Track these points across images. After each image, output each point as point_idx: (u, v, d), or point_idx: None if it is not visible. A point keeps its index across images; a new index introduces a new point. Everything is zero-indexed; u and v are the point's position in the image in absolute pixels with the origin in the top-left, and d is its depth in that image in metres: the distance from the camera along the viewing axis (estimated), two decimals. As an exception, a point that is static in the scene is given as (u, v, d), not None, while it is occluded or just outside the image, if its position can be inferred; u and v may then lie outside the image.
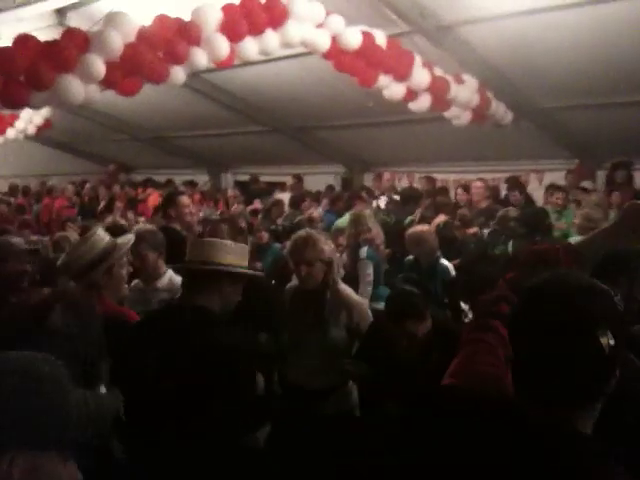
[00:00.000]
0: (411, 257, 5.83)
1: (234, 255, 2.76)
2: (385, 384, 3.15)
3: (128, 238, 3.36)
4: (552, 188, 8.39)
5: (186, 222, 5.42)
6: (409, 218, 7.54)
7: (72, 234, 5.49)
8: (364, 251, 5.80)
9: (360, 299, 3.84)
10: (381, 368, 3.20)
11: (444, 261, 5.64)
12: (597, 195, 8.09)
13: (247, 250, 2.93)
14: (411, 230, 5.82)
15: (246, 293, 2.84)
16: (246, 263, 2.83)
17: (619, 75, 7.06)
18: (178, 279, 4.01)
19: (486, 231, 7.11)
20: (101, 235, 3.18)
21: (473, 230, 7.02)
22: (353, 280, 5.82)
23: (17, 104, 5.39)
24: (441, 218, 6.98)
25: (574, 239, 4.72)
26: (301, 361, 3.58)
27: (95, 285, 3.06)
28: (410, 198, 8.16)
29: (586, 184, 8.79)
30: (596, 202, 7.49)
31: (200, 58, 5.81)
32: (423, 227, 5.98)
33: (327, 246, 3.68)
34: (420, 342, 3.23)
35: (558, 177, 9.34)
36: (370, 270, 5.66)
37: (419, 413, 1.54)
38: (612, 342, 1.29)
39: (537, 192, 9.23)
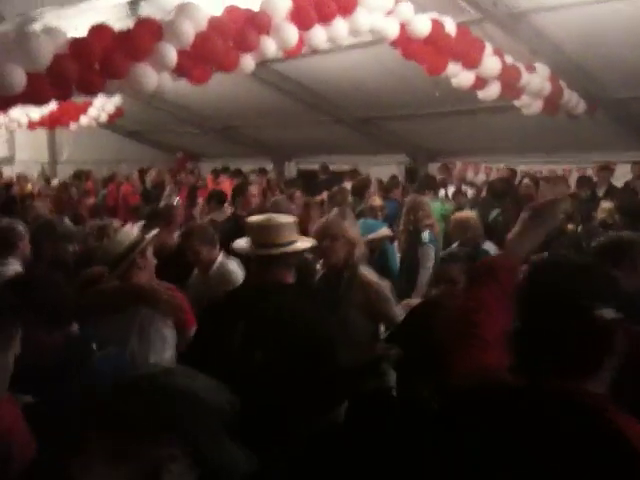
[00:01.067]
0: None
1: (293, 231, 2.89)
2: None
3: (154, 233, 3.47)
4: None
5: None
6: (496, 212, 7.32)
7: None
8: (426, 235, 5.79)
9: (380, 281, 3.85)
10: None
11: (487, 245, 5.60)
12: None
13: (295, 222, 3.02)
14: (457, 216, 5.79)
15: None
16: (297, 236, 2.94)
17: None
18: (229, 264, 4.31)
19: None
20: (128, 230, 3.36)
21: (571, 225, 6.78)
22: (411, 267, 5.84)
23: (92, 91, 5.56)
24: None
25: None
26: None
27: (125, 275, 3.16)
28: (501, 192, 7.89)
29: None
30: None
31: (269, 46, 5.85)
32: (468, 213, 6.01)
33: (353, 228, 3.86)
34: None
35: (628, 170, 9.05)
36: (432, 254, 5.67)
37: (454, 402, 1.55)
38: (609, 316, 1.38)
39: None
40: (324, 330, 2.65)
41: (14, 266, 4.29)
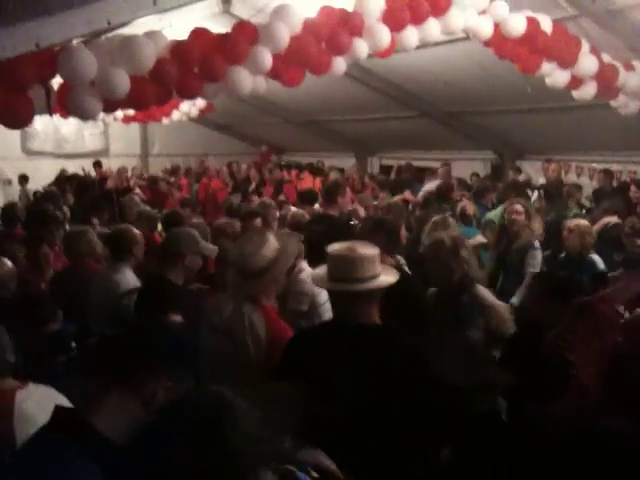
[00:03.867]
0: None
1: (375, 264, 2.60)
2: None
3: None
4: None
5: (347, 211, 5.55)
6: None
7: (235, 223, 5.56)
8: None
9: (499, 302, 3.75)
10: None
11: (594, 255, 5.45)
12: None
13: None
14: (577, 223, 5.62)
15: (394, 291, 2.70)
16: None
17: None
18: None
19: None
20: (273, 240, 3.06)
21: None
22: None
23: (191, 94, 5.73)
24: (612, 219, 6.61)
25: None
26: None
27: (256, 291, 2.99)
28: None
29: None
30: None
31: (361, 48, 5.89)
32: (580, 220, 5.77)
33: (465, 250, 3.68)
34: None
35: None
36: (539, 260, 5.52)
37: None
38: None
39: None
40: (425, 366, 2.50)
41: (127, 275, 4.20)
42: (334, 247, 2.67)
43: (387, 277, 2.63)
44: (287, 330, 2.94)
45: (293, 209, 6.89)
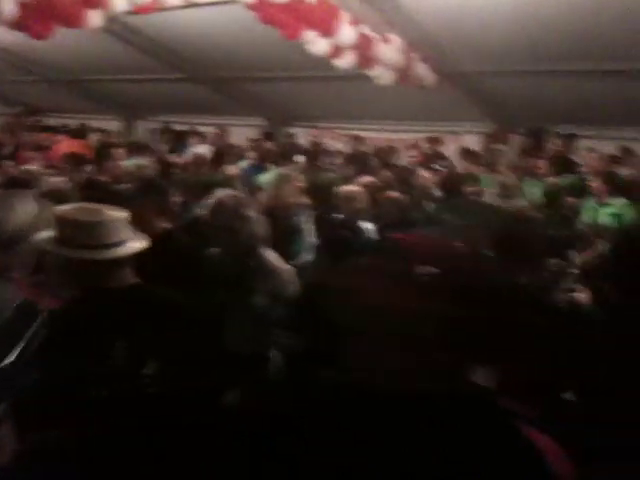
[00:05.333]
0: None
1: (122, 228, 2.46)
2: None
3: None
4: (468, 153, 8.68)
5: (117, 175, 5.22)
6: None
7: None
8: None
9: (284, 266, 3.71)
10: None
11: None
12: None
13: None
14: (343, 189, 5.78)
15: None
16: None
17: (540, 43, 7.23)
18: None
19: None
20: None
21: (393, 194, 7.03)
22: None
23: None
24: (365, 179, 6.97)
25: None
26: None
27: None
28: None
29: (500, 148, 9.06)
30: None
31: (118, 2, 5.51)
32: (354, 187, 5.91)
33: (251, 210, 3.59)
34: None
35: (476, 141, 9.60)
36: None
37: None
38: None
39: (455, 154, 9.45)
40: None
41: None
42: (66, 208, 2.46)
43: (135, 243, 2.48)
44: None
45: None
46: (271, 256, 3.66)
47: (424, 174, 7.35)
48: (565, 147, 8.44)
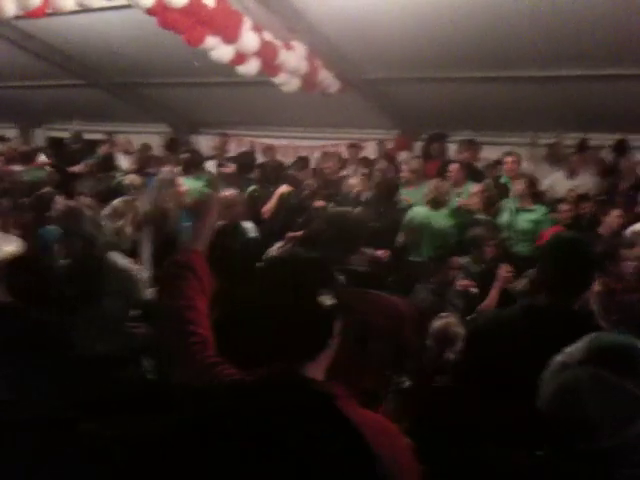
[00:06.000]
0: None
1: None
2: None
3: None
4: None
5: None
6: (252, 187, 7.52)
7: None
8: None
9: (134, 267, 3.86)
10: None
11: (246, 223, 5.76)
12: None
13: None
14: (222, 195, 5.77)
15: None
16: None
17: (440, 50, 7.40)
18: None
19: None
20: None
21: (320, 203, 7.02)
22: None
23: None
24: (284, 188, 6.95)
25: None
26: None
27: None
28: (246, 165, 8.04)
29: (404, 154, 9.22)
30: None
31: (8, 6, 5.23)
32: (232, 192, 5.95)
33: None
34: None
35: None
36: None
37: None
38: (329, 302, 1.45)
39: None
40: None
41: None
42: None
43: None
44: None
45: None
46: (118, 258, 3.81)
47: (352, 181, 7.40)
48: (471, 153, 8.65)
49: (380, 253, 5.36)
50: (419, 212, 6.59)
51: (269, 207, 7.17)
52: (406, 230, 6.56)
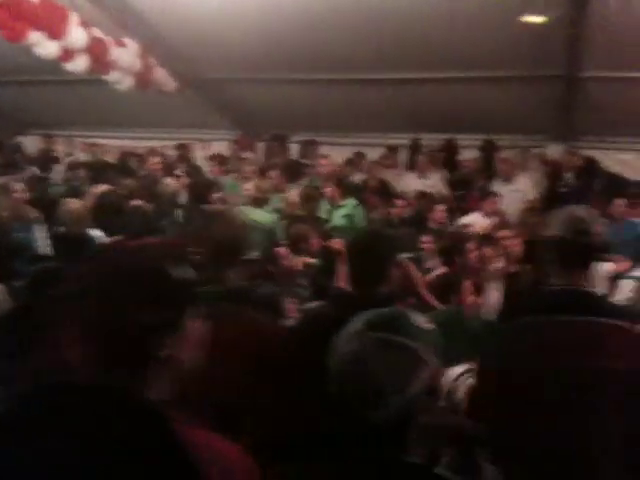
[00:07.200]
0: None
1: None
2: None
3: None
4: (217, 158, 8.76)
5: None
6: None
7: None
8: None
9: None
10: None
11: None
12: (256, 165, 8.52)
13: None
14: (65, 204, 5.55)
15: None
16: None
17: (279, 51, 7.45)
18: None
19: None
20: None
21: (137, 202, 6.81)
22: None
23: None
24: (102, 187, 6.70)
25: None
26: None
27: None
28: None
29: (247, 155, 9.24)
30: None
31: None
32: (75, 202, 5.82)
33: None
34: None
35: (224, 147, 9.70)
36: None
37: None
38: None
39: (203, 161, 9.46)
40: None
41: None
42: None
43: None
44: None
45: None
46: None
47: (169, 181, 7.26)
48: (303, 153, 8.83)
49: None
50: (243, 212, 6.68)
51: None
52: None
